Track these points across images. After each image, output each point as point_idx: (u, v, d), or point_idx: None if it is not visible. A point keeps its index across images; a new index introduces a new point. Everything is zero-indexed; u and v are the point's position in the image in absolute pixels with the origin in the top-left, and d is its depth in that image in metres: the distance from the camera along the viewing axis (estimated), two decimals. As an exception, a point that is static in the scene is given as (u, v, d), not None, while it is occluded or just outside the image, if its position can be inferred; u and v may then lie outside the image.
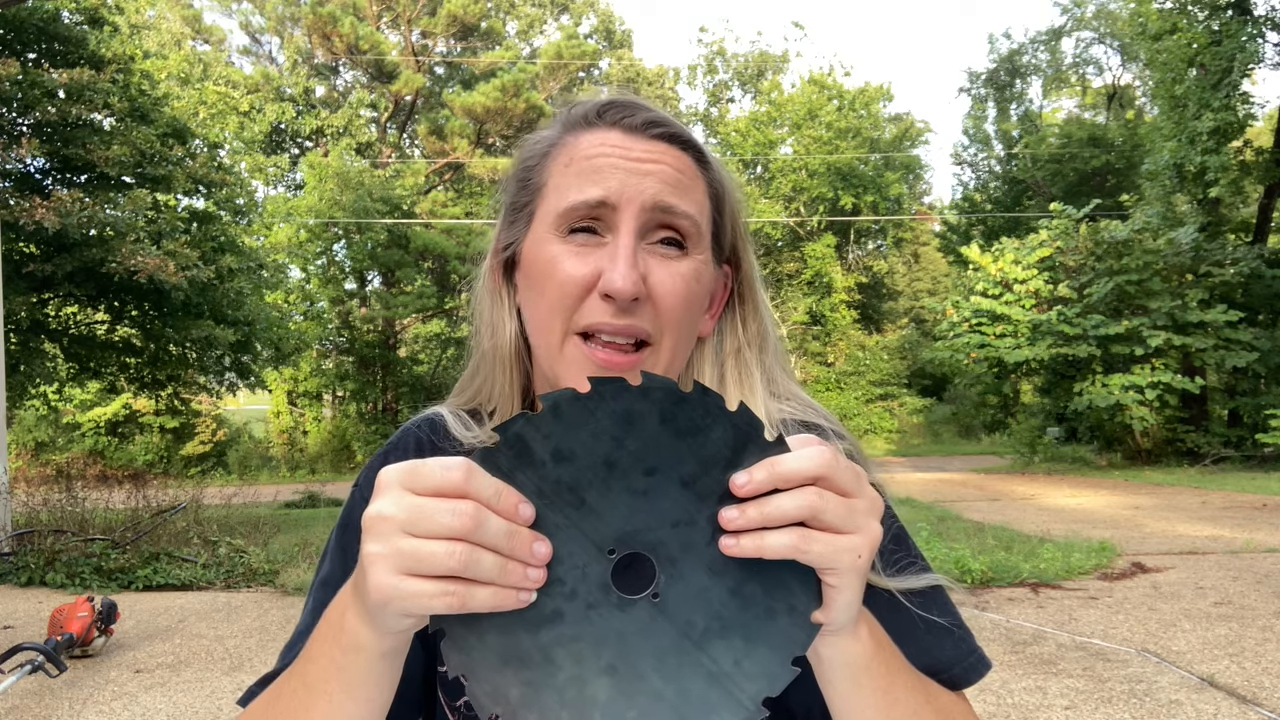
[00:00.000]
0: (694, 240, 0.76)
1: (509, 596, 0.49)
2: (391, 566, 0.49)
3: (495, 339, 0.84)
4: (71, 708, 4.29)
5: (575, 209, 0.74)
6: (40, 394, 13.90)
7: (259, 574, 7.36)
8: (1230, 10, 16.31)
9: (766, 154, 29.54)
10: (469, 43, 30.24)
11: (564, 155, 0.77)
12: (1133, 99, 31.18)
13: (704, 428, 0.51)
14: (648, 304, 0.73)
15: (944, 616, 0.76)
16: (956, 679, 0.74)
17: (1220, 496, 11.84)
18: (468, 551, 0.48)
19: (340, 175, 22.48)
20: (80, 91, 10.15)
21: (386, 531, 0.50)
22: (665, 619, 0.52)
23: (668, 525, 0.51)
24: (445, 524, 0.48)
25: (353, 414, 24.23)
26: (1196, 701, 3.96)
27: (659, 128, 0.77)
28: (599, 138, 0.77)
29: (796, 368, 29.00)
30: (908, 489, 13.92)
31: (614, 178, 0.74)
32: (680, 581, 0.52)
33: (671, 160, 0.76)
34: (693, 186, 0.77)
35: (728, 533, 0.51)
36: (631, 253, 0.72)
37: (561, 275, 0.74)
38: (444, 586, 0.48)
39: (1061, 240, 18.20)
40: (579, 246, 0.75)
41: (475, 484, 0.49)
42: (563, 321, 0.74)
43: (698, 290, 0.77)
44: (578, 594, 0.51)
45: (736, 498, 0.51)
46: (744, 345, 0.84)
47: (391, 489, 0.50)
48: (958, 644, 0.76)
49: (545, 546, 0.50)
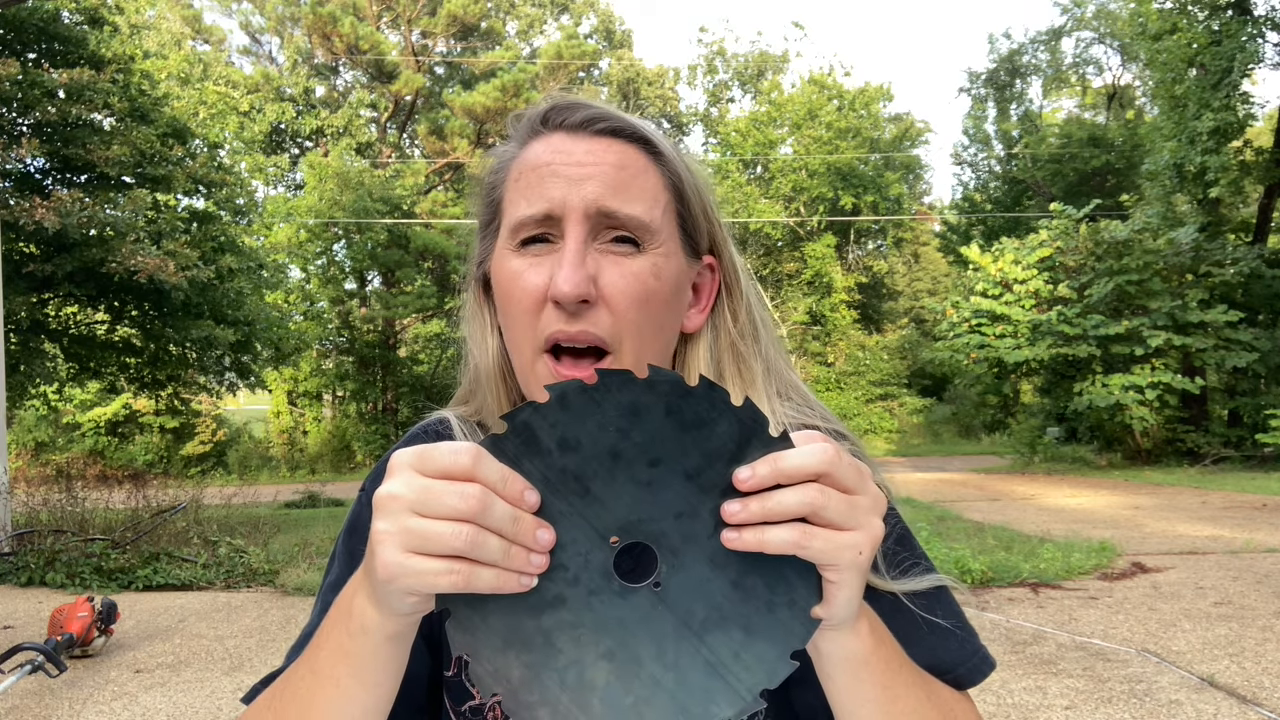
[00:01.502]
0: (647, 238, 0.75)
1: (512, 579, 0.50)
2: (399, 544, 0.50)
3: (481, 357, 0.85)
4: (71, 708, 4.29)
5: (523, 224, 0.75)
6: (40, 394, 13.90)
7: (259, 574, 7.36)
8: (1230, 10, 16.31)
9: (766, 154, 29.54)
10: (469, 43, 30.24)
11: (515, 169, 0.78)
12: (1133, 99, 31.17)
13: (709, 421, 0.51)
14: (601, 307, 0.73)
15: (948, 617, 0.76)
16: (961, 679, 0.75)
17: (1220, 496, 11.84)
18: (473, 533, 0.49)
19: (340, 175, 22.49)
20: (80, 91, 10.15)
21: (395, 510, 0.51)
22: (666, 608, 0.53)
23: (670, 516, 0.52)
24: (452, 505, 0.49)
25: (353, 414, 24.24)
26: (1196, 701, 3.96)
27: (600, 123, 0.77)
28: (543, 145, 0.77)
29: (796, 368, 28.89)
30: (908, 489, 13.93)
31: (555, 188, 0.73)
32: (682, 572, 0.53)
33: (614, 157, 0.75)
34: (640, 181, 0.76)
35: (730, 526, 0.52)
36: (576, 255, 0.72)
37: (519, 290, 0.75)
38: (449, 565, 0.50)
39: (1061, 240, 18.20)
40: (534, 257, 0.75)
41: (482, 468, 0.50)
42: (530, 338, 0.74)
43: (656, 286, 0.75)
44: (580, 580, 0.52)
45: (740, 491, 0.51)
46: (736, 339, 0.83)
47: (403, 470, 0.52)
48: (962, 644, 0.76)
49: (549, 533, 0.51)
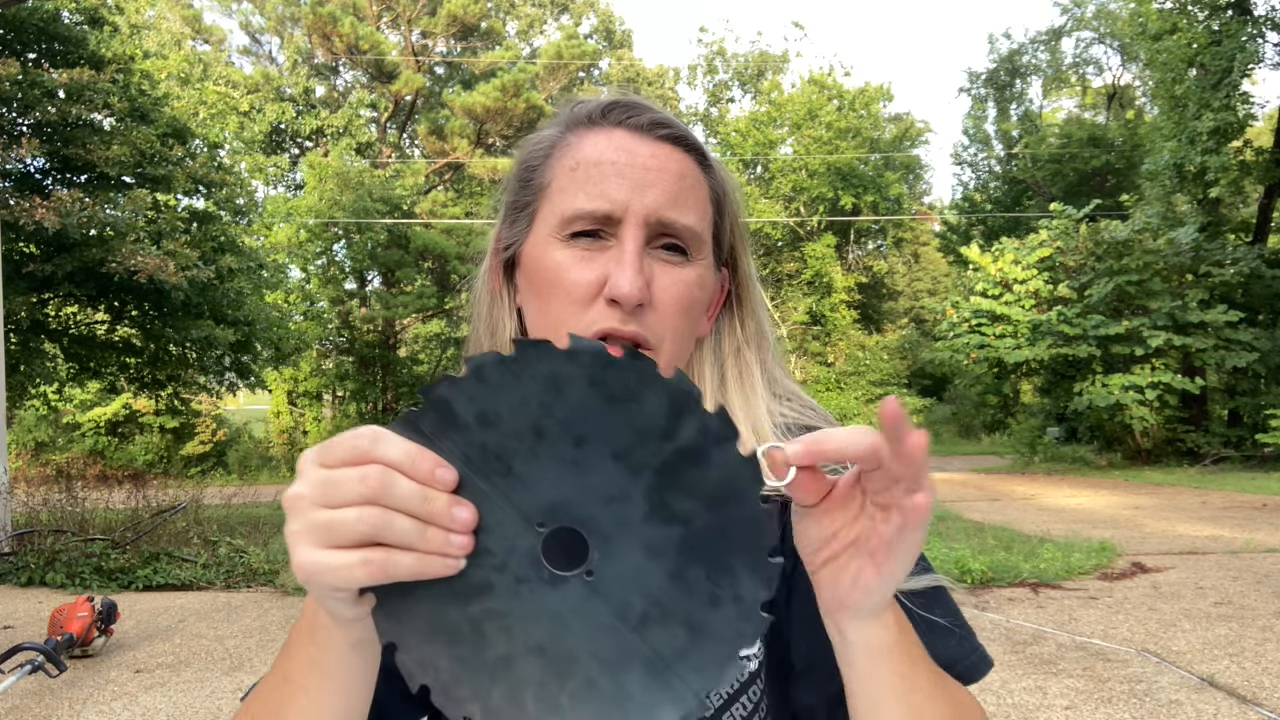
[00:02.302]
0: (695, 247, 0.77)
1: (434, 563, 0.48)
2: (310, 541, 0.49)
3: (495, 338, 0.84)
4: (71, 708, 4.29)
5: (580, 217, 0.74)
6: (40, 394, 13.90)
7: (259, 574, 7.36)
8: (1230, 10, 16.31)
9: (766, 154, 29.54)
10: (469, 43, 30.24)
11: (568, 157, 0.77)
12: (1133, 99, 31.17)
13: (636, 394, 0.48)
14: (651, 310, 0.74)
15: (946, 616, 0.76)
16: (959, 677, 0.75)
17: (1220, 496, 11.84)
18: (378, 514, 0.47)
19: (340, 175, 22.47)
20: (80, 91, 10.15)
21: (302, 508, 0.49)
22: (600, 599, 0.49)
23: (600, 500, 0.48)
24: (354, 490, 0.47)
25: (353, 414, 24.23)
26: (1196, 701, 3.96)
27: (664, 129, 0.77)
28: (603, 139, 0.76)
29: (796, 368, 28.98)
30: (908, 489, 13.91)
31: (618, 189, 0.73)
32: (615, 560, 0.49)
33: (675, 165, 0.76)
34: (695, 192, 0.77)
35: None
36: (637, 259, 0.73)
37: (568, 282, 0.74)
38: (363, 555, 0.47)
39: (1061, 240, 18.20)
40: (584, 251, 0.75)
41: (381, 448, 0.48)
42: (574, 327, 0.74)
43: (700, 296, 0.77)
44: (507, 566, 0.49)
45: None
46: (743, 345, 0.84)
47: (307, 467, 0.50)
48: (960, 642, 0.76)
49: (467, 511, 0.48)
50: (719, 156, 0.83)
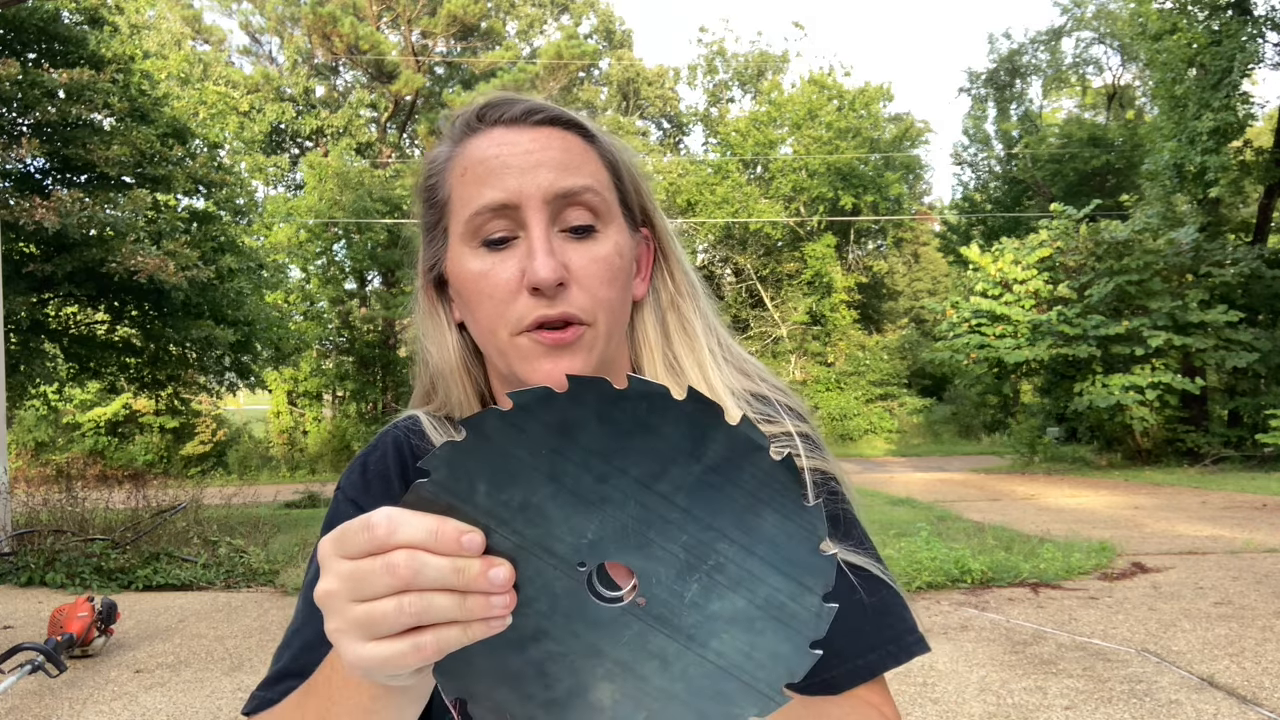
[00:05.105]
0: (604, 215, 0.78)
1: (480, 629, 0.48)
2: (354, 637, 0.48)
3: (441, 354, 0.86)
4: (71, 708, 4.29)
5: (479, 214, 0.76)
6: (40, 394, 13.89)
7: (259, 574, 7.36)
8: (1230, 10, 16.30)
9: (766, 154, 29.54)
10: (469, 43, 30.23)
11: (458, 166, 0.80)
12: (1133, 99, 31.17)
13: (650, 423, 0.47)
14: (574, 287, 0.75)
15: (872, 596, 0.77)
16: (873, 665, 0.76)
17: (1220, 496, 11.84)
18: (416, 600, 0.46)
19: (340, 175, 22.49)
20: (80, 91, 10.15)
21: (337, 606, 0.49)
22: (655, 625, 0.50)
23: (634, 529, 0.48)
24: (384, 582, 0.46)
25: (353, 414, 24.23)
26: (1196, 701, 3.96)
27: (538, 114, 0.80)
28: (484, 139, 0.79)
29: (796, 368, 29.00)
30: (908, 489, 13.93)
31: (508, 177, 0.76)
32: (663, 585, 0.49)
33: (558, 142, 0.78)
34: (584, 163, 0.79)
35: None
36: (546, 241, 0.74)
37: (490, 285, 0.76)
38: (413, 641, 0.47)
39: (1061, 240, 18.19)
40: (498, 253, 0.77)
41: (401, 534, 0.47)
42: (505, 327, 0.76)
43: (621, 265, 0.79)
44: (556, 611, 0.49)
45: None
46: (675, 296, 0.87)
47: (328, 560, 0.49)
48: (880, 630, 0.77)
49: (504, 570, 0.48)
50: (603, 127, 0.85)
